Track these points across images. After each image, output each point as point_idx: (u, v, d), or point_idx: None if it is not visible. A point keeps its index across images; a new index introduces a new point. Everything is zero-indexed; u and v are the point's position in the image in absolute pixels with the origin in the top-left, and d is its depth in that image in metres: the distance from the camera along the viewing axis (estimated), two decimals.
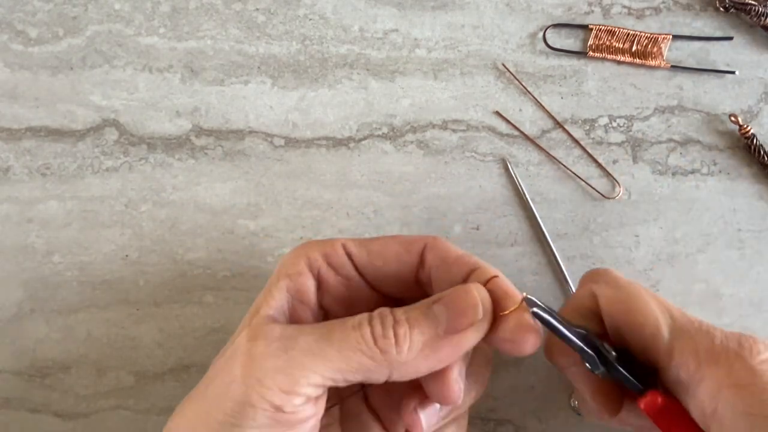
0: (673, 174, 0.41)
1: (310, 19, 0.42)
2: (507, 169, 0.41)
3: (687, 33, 0.41)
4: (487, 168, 0.41)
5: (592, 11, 0.41)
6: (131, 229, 0.41)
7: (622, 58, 0.41)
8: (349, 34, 0.42)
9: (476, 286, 0.28)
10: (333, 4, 0.42)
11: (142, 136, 0.41)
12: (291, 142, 0.41)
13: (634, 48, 0.41)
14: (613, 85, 0.41)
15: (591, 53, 0.41)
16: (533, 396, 0.40)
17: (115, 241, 0.41)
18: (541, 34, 0.41)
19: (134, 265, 0.41)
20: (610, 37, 0.41)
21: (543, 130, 0.41)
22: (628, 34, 0.41)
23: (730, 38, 0.41)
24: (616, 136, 0.41)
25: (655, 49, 0.41)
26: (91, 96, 0.42)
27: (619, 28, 0.41)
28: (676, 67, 0.41)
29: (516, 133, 0.41)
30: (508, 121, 0.41)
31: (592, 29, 0.41)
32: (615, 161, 0.41)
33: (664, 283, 0.40)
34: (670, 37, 0.41)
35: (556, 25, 0.41)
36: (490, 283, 0.29)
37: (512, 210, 0.41)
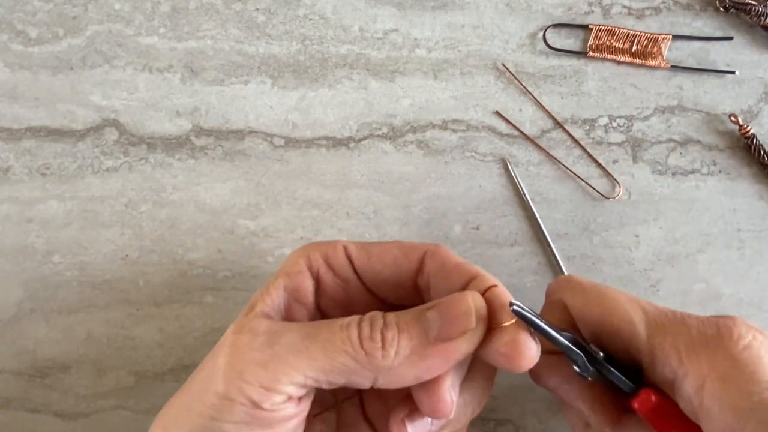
0: (673, 174, 0.41)
1: (310, 19, 0.42)
2: (507, 169, 0.41)
3: (687, 33, 0.41)
4: (487, 168, 0.41)
5: (592, 11, 0.41)
6: (131, 229, 0.41)
7: (622, 58, 0.41)
8: (349, 34, 0.42)
9: (472, 294, 0.27)
10: (333, 4, 0.42)
11: (142, 136, 0.41)
12: (291, 142, 0.41)
13: (634, 48, 0.41)
14: (613, 85, 0.41)
15: (591, 53, 0.41)
16: (533, 396, 0.40)
17: (115, 241, 0.41)
18: (541, 34, 0.41)
19: (134, 265, 0.41)
20: (610, 37, 0.41)
21: (543, 130, 0.41)
22: (628, 34, 0.41)
23: (730, 38, 0.41)
24: (616, 136, 0.41)
25: (655, 49, 0.41)
26: (91, 96, 0.42)
27: (619, 28, 0.41)
28: (676, 67, 0.41)
29: (516, 133, 0.41)
30: (508, 121, 0.41)
31: (592, 29, 0.41)
32: (615, 161, 0.41)
33: (664, 283, 0.40)
34: (670, 37, 0.41)
35: (556, 25, 0.41)
36: (488, 293, 0.27)
37: (512, 210, 0.41)
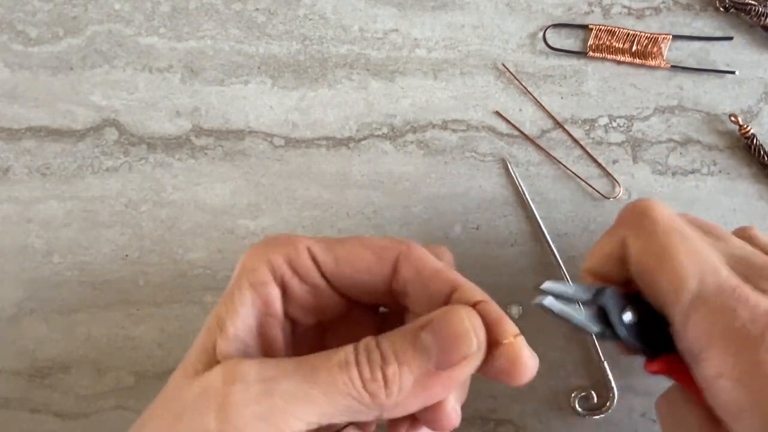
0: (673, 174, 0.41)
1: (310, 19, 0.42)
2: (507, 169, 0.41)
3: (687, 33, 0.41)
4: (487, 168, 0.41)
5: (592, 11, 0.41)
6: (131, 229, 0.41)
7: (622, 58, 0.41)
8: (349, 34, 0.42)
9: (467, 311, 0.26)
10: (333, 4, 0.42)
11: (142, 136, 0.41)
12: (291, 142, 0.41)
13: (634, 48, 0.41)
14: (613, 85, 0.41)
15: (591, 53, 0.41)
16: (533, 396, 0.40)
17: (115, 241, 0.41)
18: (541, 34, 0.41)
19: (134, 265, 0.41)
20: (610, 37, 0.41)
21: (543, 130, 0.41)
22: (628, 34, 0.41)
23: (730, 38, 0.41)
24: (616, 136, 0.41)
25: (655, 49, 0.41)
26: (91, 96, 0.42)
27: (619, 28, 0.41)
28: (676, 67, 0.41)
29: (516, 133, 0.41)
30: (508, 121, 0.41)
31: (592, 29, 0.41)
32: (615, 161, 0.41)
33: None
34: (670, 37, 0.41)
35: (556, 25, 0.41)
36: (478, 308, 0.26)
37: (512, 210, 0.41)
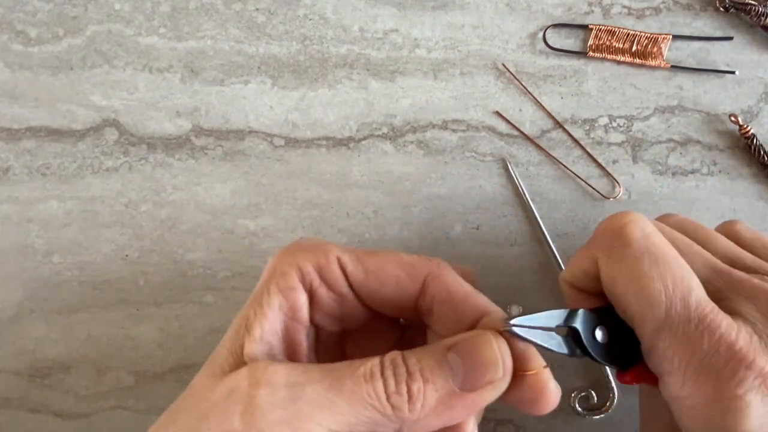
0: (673, 174, 0.41)
1: (310, 19, 0.42)
2: (507, 169, 0.41)
3: (687, 33, 0.41)
4: (487, 168, 0.41)
5: (592, 11, 0.41)
6: (131, 229, 0.41)
7: (622, 58, 0.41)
8: (349, 34, 0.42)
9: (496, 338, 0.26)
10: (333, 4, 0.42)
11: (142, 136, 0.41)
12: (291, 142, 0.41)
13: (634, 48, 0.41)
14: (613, 85, 0.41)
15: (591, 53, 0.41)
16: None
17: (115, 241, 0.41)
18: (541, 34, 0.41)
19: (134, 265, 0.41)
20: (610, 37, 0.41)
21: (543, 130, 0.41)
22: (628, 34, 0.41)
23: (730, 38, 0.41)
24: (616, 136, 0.41)
25: (655, 49, 0.41)
26: (91, 96, 0.42)
27: (619, 28, 0.41)
28: (676, 67, 0.41)
29: (516, 133, 0.41)
30: (508, 121, 0.41)
31: (592, 29, 0.41)
32: (615, 161, 0.41)
33: None
34: (670, 37, 0.41)
35: (556, 25, 0.41)
36: (507, 336, 0.27)
37: (512, 210, 0.41)
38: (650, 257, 0.28)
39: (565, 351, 0.28)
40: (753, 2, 0.40)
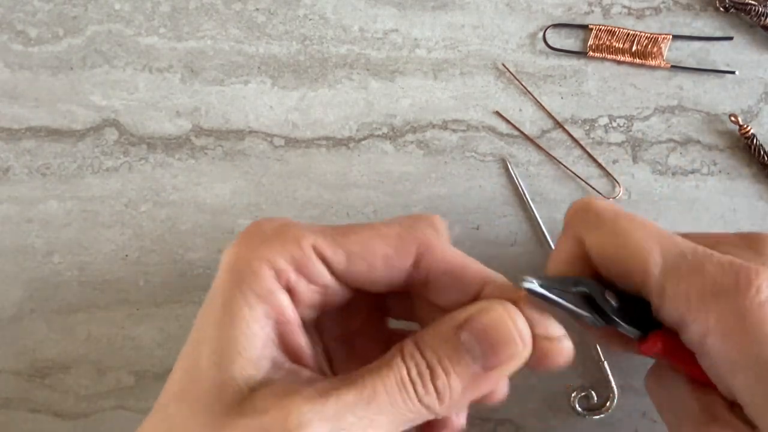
0: (673, 174, 0.41)
1: (310, 19, 0.42)
2: (507, 169, 0.41)
3: (687, 33, 0.41)
4: (487, 168, 0.41)
5: (592, 11, 0.41)
6: (131, 229, 0.41)
7: (622, 58, 0.41)
8: (349, 34, 0.42)
9: (506, 309, 0.25)
10: (333, 4, 0.42)
11: (142, 136, 0.41)
12: (291, 142, 0.41)
13: (634, 48, 0.41)
14: (613, 85, 0.41)
15: (591, 53, 0.41)
16: (533, 396, 0.40)
17: (115, 241, 0.41)
18: (541, 34, 0.41)
19: (134, 265, 0.41)
20: (610, 37, 0.41)
21: (543, 130, 0.41)
22: (628, 34, 0.41)
23: (730, 38, 0.41)
24: (616, 136, 0.41)
25: (655, 49, 0.41)
26: (91, 96, 0.42)
27: (619, 28, 0.41)
28: (676, 67, 0.41)
29: (516, 133, 0.41)
30: (508, 121, 0.41)
31: (592, 29, 0.41)
32: (615, 161, 0.41)
33: None
34: (670, 37, 0.41)
35: (556, 25, 0.41)
36: (520, 306, 0.25)
37: (512, 210, 0.41)
38: (625, 216, 0.30)
39: (586, 313, 0.27)
40: (753, 2, 0.40)
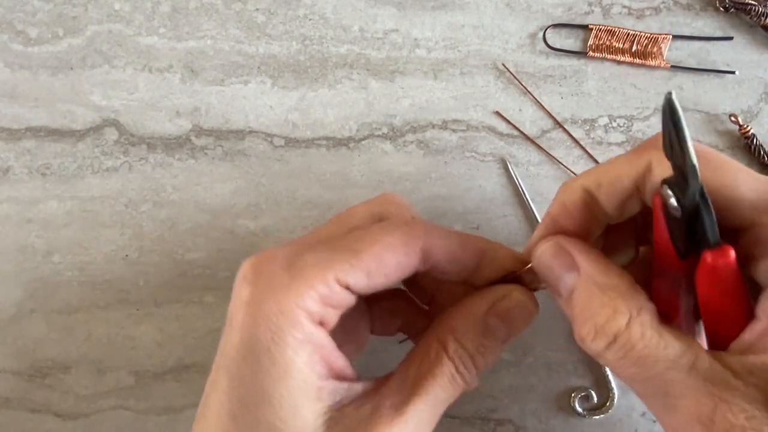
0: None
1: (310, 19, 0.42)
2: (507, 169, 0.41)
3: (687, 33, 0.41)
4: (487, 168, 0.41)
5: (592, 11, 0.41)
6: (131, 229, 0.41)
7: (622, 58, 0.41)
8: (349, 34, 0.42)
9: (524, 294, 0.30)
10: (333, 4, 0.42)
11: (142, 136, 0.41)
12: (291, 142, 0.41)
13: (634, 48, 0.41)
14: (613, 85, 0.41)
15: (591, 53, 0.41)
16: (533, 396, 0.40)
17: (115, 241, 0.41)
18: (541, 34, 0.41)
19: (134, 265, 0.41)
20: (610, 37, 0.41)
21: (543, 130, 0.41)
22: (628, 34, 0.41)
23: (730, 38, 0.41)
24: (616, 136, 0.41)
25: (655, 49, 0.41)
26: (91, 96, 0.42)
27: (619, 28, 0.41)
28: (676, 67, 0.41)
29: (516, 133, 0.41)
30: (508, 121, 0.41)
31: (592, 29, 0.41)
32: None
33: None
34: (670, 37, 0.41)
35: (556, 25, 0.41)
36: (522, 275, 0.30)
37: (512, 210, 0.41)
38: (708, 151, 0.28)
39: (697, 172, 0.23)
40: (753, 2, 0.40)
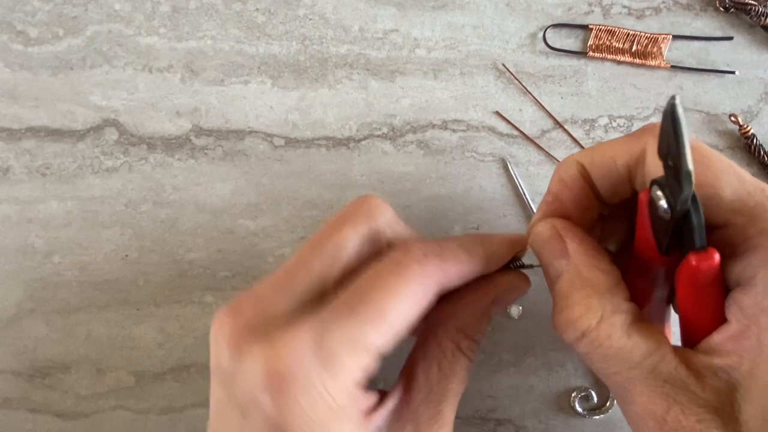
0: None
1: (310, 19, 0.42)
2: (507, 169, 0.41)
3: (687, 33, 0.41)
4: (487, 168, 0.41)
5: (592, 11, 0.41)
6: (131, 229, 0.41)
7: (622, 58, 0.41)
8: (349, 34, 0.42)
9: (523, 283, 0.33)
10: (333, 4, 0.42)
11: (142, 136, 0.41)
12: (291, 142, 0.41)
13: (634, 48, 0.41)
14: (613, 85, 0.41)
15: (591, 53, 0.41)
16: (533, 396, 0.40)
17: (115, 241, 0.41)
18: (541, 34, 0.41)
19: (134, 265, 0.41)
20: (610, 37, 0.41)
21: (543, 130, 0.41)
22: (628, 34, 0.41)
23: (730, 38, 0.41)
24: (616, 136, 0.41)
25: (655, 49, 0.41)
26: (91, 96, 0.42)
27: (619, 28, 0.41)
28: (676, 67, 0.41)
29: (516, 133, 0.41)
30: (508, 121, 0.41)
31: (592, 29, 0.41)
32: None
33: None
34: (670, 37, 0.41)
35: (556, 25, 0.41)
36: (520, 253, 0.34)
37: (512, 210, 0.41)
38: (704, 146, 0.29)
39: (690, 170, 0.23)
40: (753, 2, 0.40)
